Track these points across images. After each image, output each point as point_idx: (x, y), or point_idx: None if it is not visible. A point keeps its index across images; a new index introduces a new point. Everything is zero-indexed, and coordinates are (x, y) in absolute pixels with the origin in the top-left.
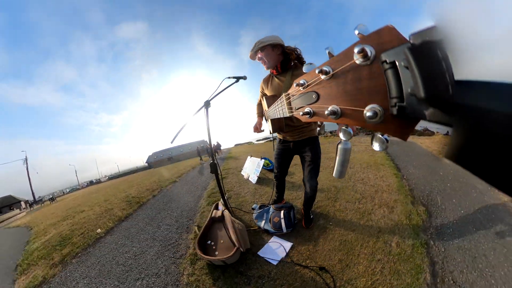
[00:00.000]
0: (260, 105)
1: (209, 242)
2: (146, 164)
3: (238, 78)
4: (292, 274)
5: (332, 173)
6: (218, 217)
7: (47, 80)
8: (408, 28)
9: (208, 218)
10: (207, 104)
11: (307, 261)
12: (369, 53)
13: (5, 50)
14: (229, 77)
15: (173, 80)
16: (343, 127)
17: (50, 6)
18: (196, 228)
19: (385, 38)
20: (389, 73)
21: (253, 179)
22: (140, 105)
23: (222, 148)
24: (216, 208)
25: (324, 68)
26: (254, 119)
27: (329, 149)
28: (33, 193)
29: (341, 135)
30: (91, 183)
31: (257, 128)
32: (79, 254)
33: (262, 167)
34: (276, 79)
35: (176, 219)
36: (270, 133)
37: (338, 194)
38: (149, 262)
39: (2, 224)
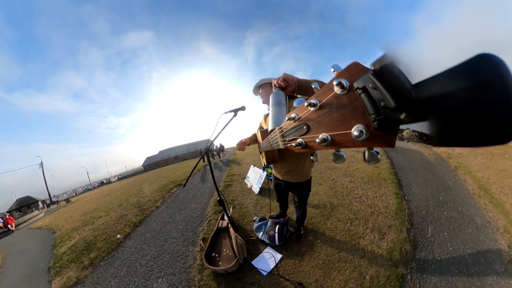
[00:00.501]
0: (254, 135)
1: (213, 254)
2: (142, 167)
3: (236, 111)
4: (276, 285)
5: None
6: (224, 227)
7: (59, 89)
8: (403, 23)
9: (215, 229)
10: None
11: (290, 275)
12: (344, 84)
13: (18, 64)
14: (225, 112)
15: (180, 81)
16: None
17: (56, 21)
18: (201, 242)
19: (354, 71)
20: (363, 96)
21: (256, 189)
22: (147, 106)
23: (226, 148)
24: (222, 218)
25: (312, 101)
26: (258, 116)
27: (330, 157)
28: (49, 194)
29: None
30: (102, 183)
31: (242, 145)
32: (106, 258)
33: (266, 177)
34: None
35: (182, 232)
36: (264, 165)
37: (332, 212)
38: (166, 264)
39: (24, 224)
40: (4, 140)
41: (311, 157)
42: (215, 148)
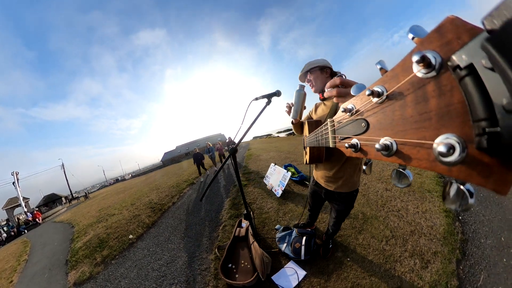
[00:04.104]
0: (299, 125)
1: (230, 265)
2: (161, 162)
3: (269, 97)
4: None
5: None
6: (242, 237)
7: (77, 96)
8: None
9: (232, 238)
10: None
11: None
12: (432, 60)
13: (40, 79)
14: (256, 99)
15: (195, 76)
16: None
17: (67, 32)
18: (216, 250)
19: (450, 34)
20: (468, 82)
21: (278, 192)
22: (158, 107)
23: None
24: (240, 225)
25: (376, 89)
26: (280, 107)
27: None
28: (70, 191)
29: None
30: (117, 180)
31: (289, 105)
32: (117, 257)
33: (290, 178)
34: (322, 104)
35: (195, 237)
36: (306, 163)
37: (365, 225)
38: (179, 270)
39: (50, 217)
40: (31, 147)
41: (364, 167)
42: (216, 146)
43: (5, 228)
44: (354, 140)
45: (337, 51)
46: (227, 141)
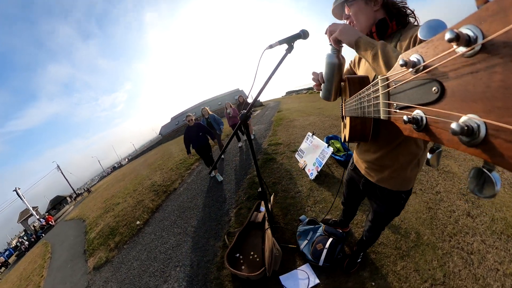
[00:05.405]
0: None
1: (237, 255)
2: (160, 135)
3: (290, 42)
4: None
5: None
6: (258, 223)
7: (46, 91)
8: None
9: (246, 222)
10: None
11: None
12: None
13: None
14: (271, 46)
15: (186, 13)
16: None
17: (6, 27)
18: (226, 237)
19: None
20: None
21: (311, 173)
22: (144, 67)
23: (265, 101)
24: (258, 209)
25: (464, 32)
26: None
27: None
28: (73, 189)
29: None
30: (114, 168)
31: (317, 78)
32: (128, 242)
33: (330, 156)
34: None
35: (203, 221)
36: (344, 140)
37: (414, 251)
38: (184, 254)
39: (60, 218)
40: (23, 160)
41: (428, 156)
42: (228, 109)
43: (25, 238)
44: (418, 112)
45: None
46: (237, 101)
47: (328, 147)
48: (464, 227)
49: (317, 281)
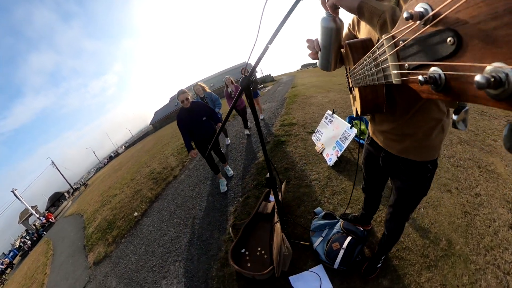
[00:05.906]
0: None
1: (243, 250)
2: (151, 126)
3: None
4: None
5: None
6: (266, 214)
7: (31, 84)
8: None
9: (252, 214)
10: None
11: None
12: None
13: None
14: None
15: None
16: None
17: None
18: (230, 229)
19: None
20: None
21: (330, 159)
22: (134, 44)
23: (278, 75)
24: (266, 198)
25: None
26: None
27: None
28: (69, 184)
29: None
30: (111, 157)
31: (313, 45)
32: (126, 235)
33: (353, 139)
34: None
35: (206, 211)
36: (356, 115)
37: (442, 261)
38: (184, 248)
39: (60, 214)
40: (16, 160)
41: (454, 117)
42: (229, 87)
43: (27, 237)
44: (435, 70)
45: None
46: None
47: (351, 128)
48: (504, 241)
49: (331, 286)
